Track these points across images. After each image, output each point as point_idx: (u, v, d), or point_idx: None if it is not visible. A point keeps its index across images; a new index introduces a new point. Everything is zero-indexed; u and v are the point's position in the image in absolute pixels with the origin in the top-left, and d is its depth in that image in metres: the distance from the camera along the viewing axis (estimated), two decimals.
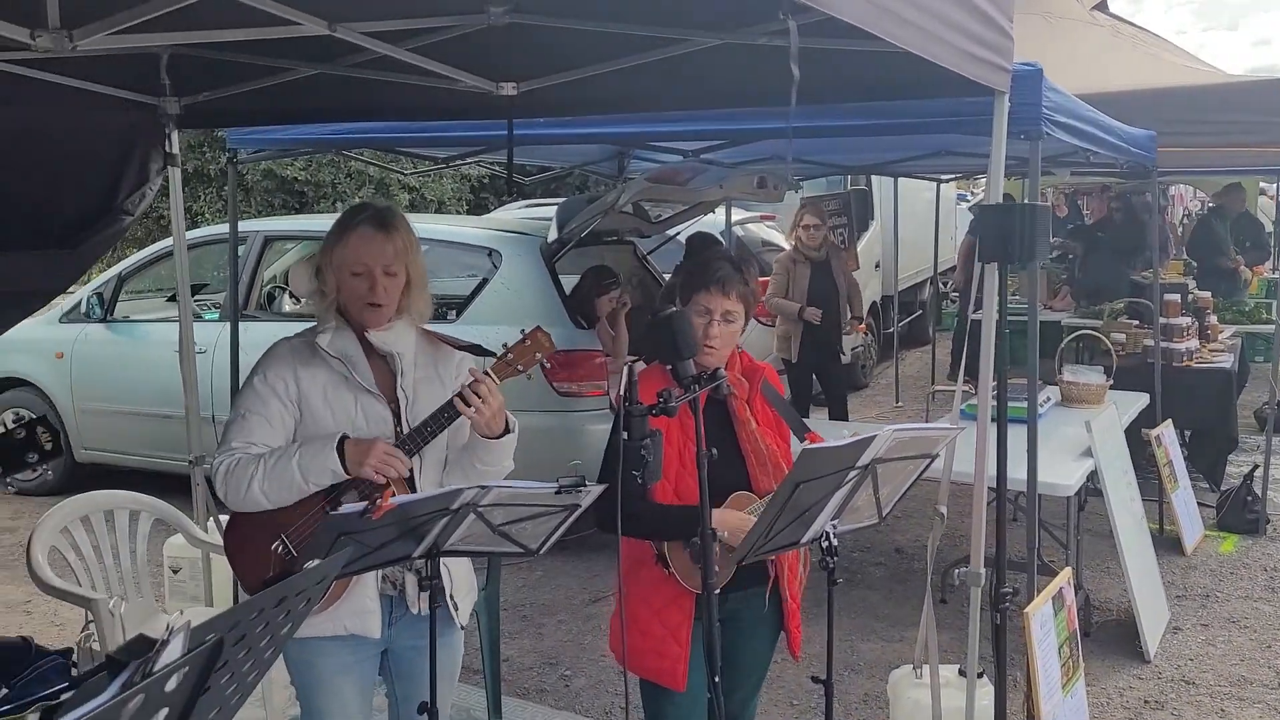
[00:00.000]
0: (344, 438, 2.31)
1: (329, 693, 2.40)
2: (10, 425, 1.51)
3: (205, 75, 3.79)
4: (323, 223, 8.22)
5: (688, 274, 2.64)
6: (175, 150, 4.13)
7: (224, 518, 4.36)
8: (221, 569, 4.20)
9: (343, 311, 2.44)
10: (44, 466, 1.86)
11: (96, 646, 3.24)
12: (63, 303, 6.84)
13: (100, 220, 3.84)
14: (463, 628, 2.55)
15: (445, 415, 2.34)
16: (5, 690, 3.43)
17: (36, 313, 4.35)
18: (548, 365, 2.49)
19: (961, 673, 3.20)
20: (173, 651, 0.95)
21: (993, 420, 3.03)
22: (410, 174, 10.72)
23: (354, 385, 2.40)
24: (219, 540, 3.96)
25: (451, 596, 2.43)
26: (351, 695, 2.43)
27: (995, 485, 3.02)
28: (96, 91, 3.59)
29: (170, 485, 5.15)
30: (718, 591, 2.20)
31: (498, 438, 2.39)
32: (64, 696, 0.97)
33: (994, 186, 2.90)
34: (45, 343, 6.75)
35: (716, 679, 2.10)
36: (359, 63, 3.40)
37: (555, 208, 6.84)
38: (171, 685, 0.96)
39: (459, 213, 14.85)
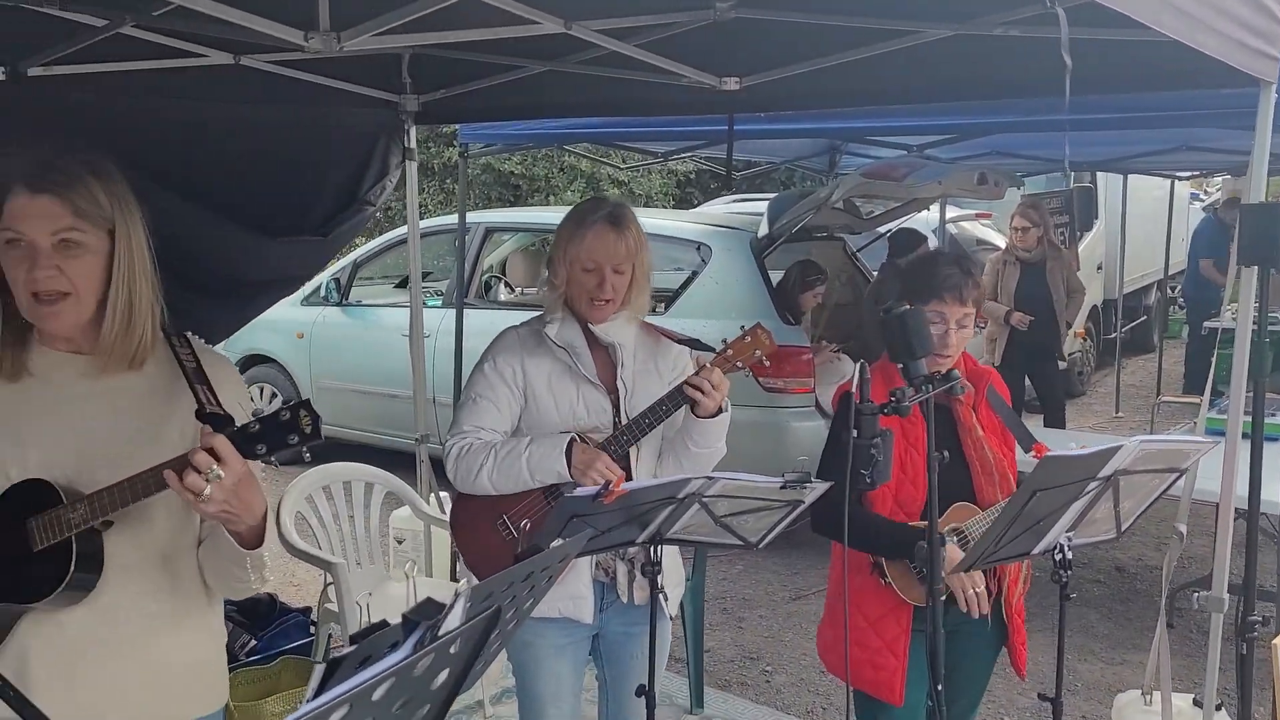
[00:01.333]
0: (572, 442, 2.38)
1: (544, 670, 2.49)
2: (278, 408, 1.62)
3: (442, 74, 3.99)
4: (540, 215, 8.54)
5: (913, 280, 2.56)
6: (413, 145, 4.36)
7: (444, 495, 4.63)
8: (441, 542, 4.42)
9: (569, 304, 2.51)
10: (304, 450, 1.98)
11: (334, 606, 3.48)
12: (304, 286, 7.35)
13: (346, 210, 4.11)
14: (672, 618, 2.60)
15: (663, 409, 2.38)
16: (254, 641, 3.75)
17: None
18: (767, 363, 2.47)
19: (1197, 703, 3.00)
20: (455, 617, 1.01)
21: (1244, 436, 2.81)
22: (624, 168, 10.94)
23: (577, 375, 2.47)
24: (439, 515, 4.18)
25: (662, 587, 2.46)
26: (565, 674, 2.51)
27: (1243, 506, 2.81)
28: (345, 90, 3.83)
29: (391, 461, 5.44)
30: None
31: (711, 417, 2.42)
32: (345, 650, 1.05)
33: (1256, 184, 2.68)
34: (288, 323, 7.28)
35: (939, 687, 2.05)
36: (587, 59, 3.49)
37: (764, 203, 6.83)
38: (454, 649, 1.02)
39: (665, 207, 15.04)
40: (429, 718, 1.04)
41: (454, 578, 4.37)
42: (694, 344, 2.55)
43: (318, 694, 1.05)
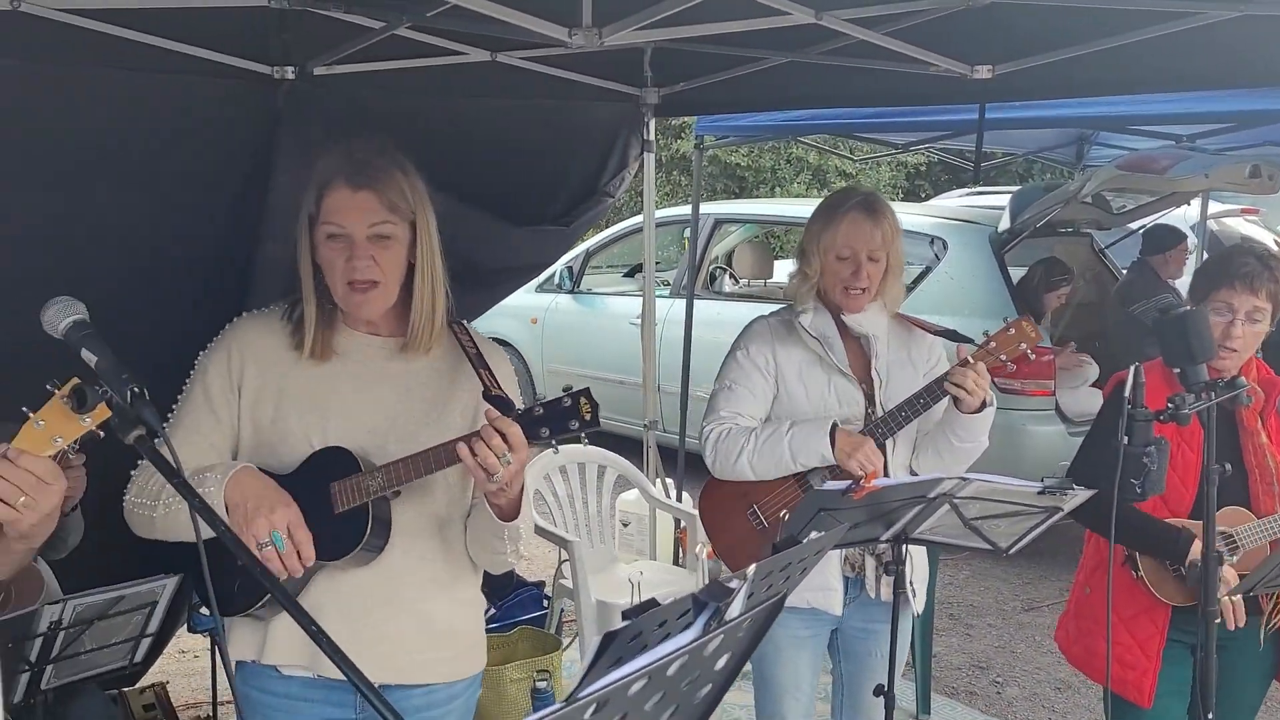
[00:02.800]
0: (835, 425, 2.37)
1: (784, 661, 2.49)
2: (562, 392, 1.70)
3: (683, 66, 4.03)
4: (768, 208, 8.52)
5: (1205, 271, 2.41)
6: (651, 137, 4.44)
7: (669, 480, 4.71)
8: (665, 527, 4.50)
9: (821, 294, 2.50)
10: (583, 436, 2.06)
11: (568, 582, 3.61)
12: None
13: (587, 201, 4.24)
14: (917, 615, 2.55)
15: (921, 402, 2.34)
16: (493, 610, 3.94)
17: None
18: (1033, 356, 2.38)
19: None
20: (739, 601, 1.03)
21: None
22: (856, 160, 10.76)
23: (828, 366, 2.46)
24: (666, 499, 4.26)
25: (910, 582, 2.42)
26: (804, 667, 2.51)
27: None
28: (590, 84, 3.94)
29: (615, 445, 5.54)
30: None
31: (975, 412, 2.35)
32: (620, 625, 1.08)
33: None
34: (523, 309, 7.57)
35: (1209, 716, 1.91)
36: (831, 50, 3.44)
37: (1002, 196, 6.56)
38: (741, 633, 1.04)
39: (894, 200, 14.69)
40: (709, 698, 1.06)
41: (676, 562, 4.44)
42: (951, 335, 2.49)
43: (592, 665, 1.09)
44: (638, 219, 7.04)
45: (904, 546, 2.22)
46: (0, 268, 2.51)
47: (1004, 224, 5.65)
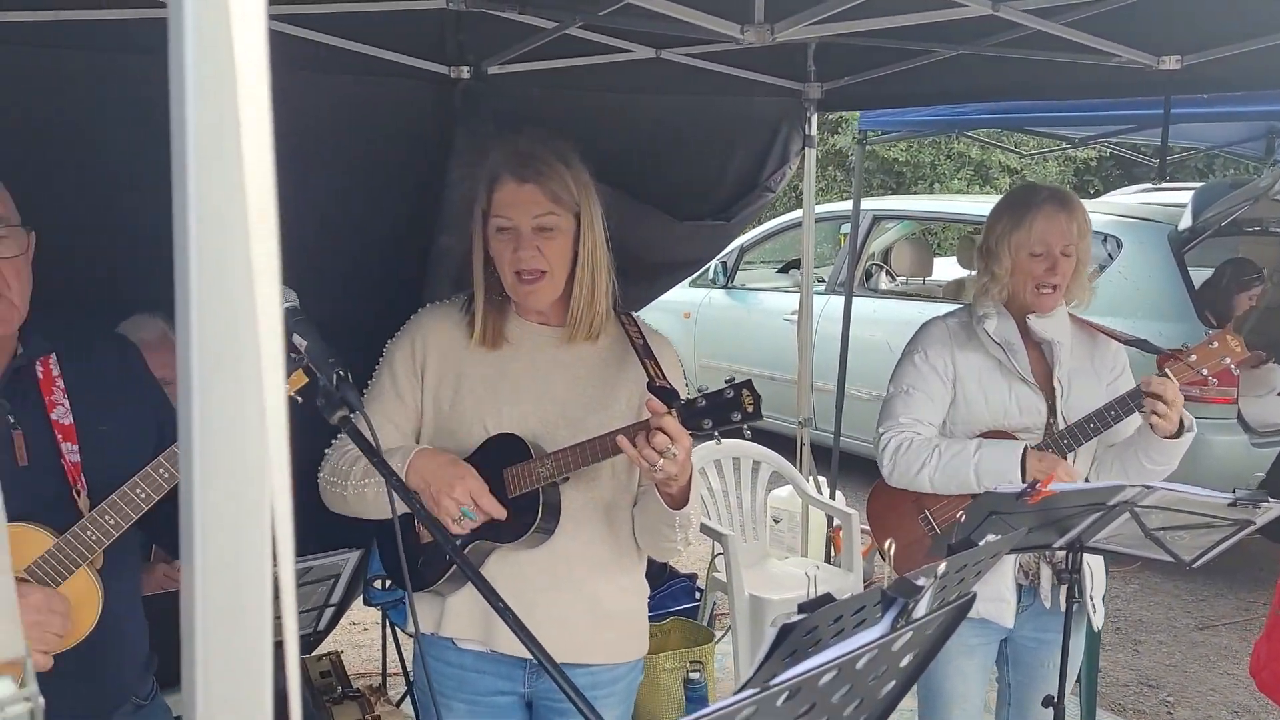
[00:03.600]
0: (1027, 449, 2.30)
1: (952, 670, 2.45)
2: (724, 384, 1.72)
3: (847, 61, 3.99)
4: (928, 204, 8.32)
5: None
6: (813, 132, 4.40)
7: (822, 478, 4.67)
8: (817, 524, 4.47)
9: (1011, 295, 2.42)
10: (746, 427, 2.06)
11: (721, 576, 3.63)
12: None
13: (748, 196, 4.24)
14: (1098, 630, 2.46)
15: (1112, 415, 2.25)
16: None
17: None
18: (1237, 372, 2.27)
19: None
20: (925, 601, 1.02)
21: None
22: (1027, 155, 10.38)
23: (1009, 372, 2.39)
24: (819, 497, 4.23)
25: (1091, 596, 2.35)
26: (973, 676, 2.46)
27: None
28: (753, 79, 3.94)
29: (766, 442, 5.51)
30: None
31: (1174, 436, 2.25)
32: (794, 618, 1.09)
33: None
34: (677, 303, 7.63)
35: None
36: (1005, 41, 3.34)
37: (1179, 193, 6.23)
38: (929, 632, 1.04)
39: None
40: (891, 695, 1.06)
41: (827, 560, 4.41)
42: (1144, 346, 2.38)
43: (769, 656, 1.11)
44: (793, 215, 7.00)
45: (1081, 557, 2.14)
46: None
47: (1185, 222, 5.37)
